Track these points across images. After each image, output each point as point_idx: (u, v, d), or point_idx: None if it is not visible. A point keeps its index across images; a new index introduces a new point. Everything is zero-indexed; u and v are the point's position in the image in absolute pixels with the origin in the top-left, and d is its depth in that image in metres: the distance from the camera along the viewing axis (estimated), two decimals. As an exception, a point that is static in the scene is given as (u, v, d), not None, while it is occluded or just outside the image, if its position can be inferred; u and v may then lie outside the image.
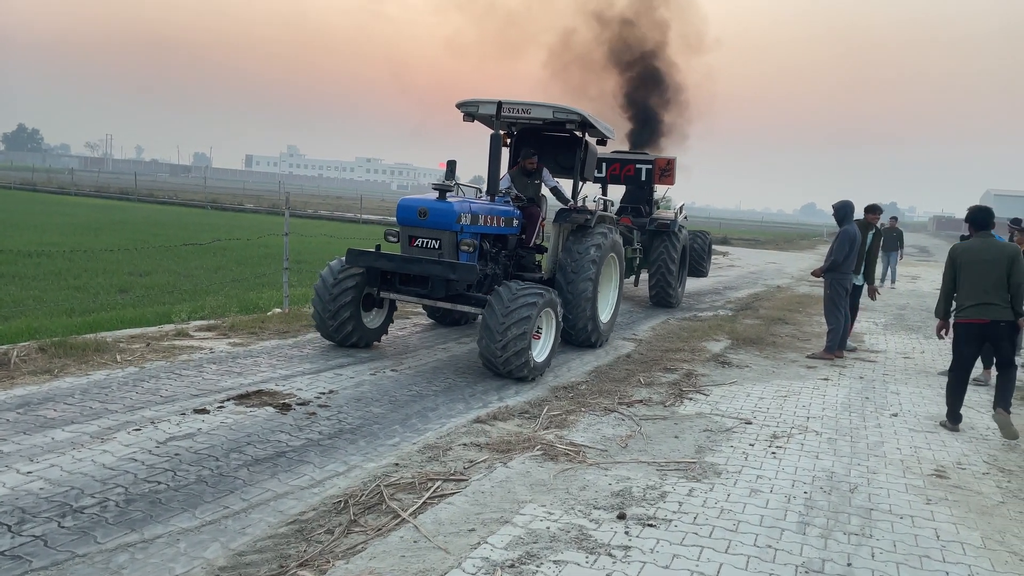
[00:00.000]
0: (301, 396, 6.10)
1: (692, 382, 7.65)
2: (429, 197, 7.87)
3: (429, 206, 7.71)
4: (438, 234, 7.72)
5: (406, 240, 7.92)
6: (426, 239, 7.78)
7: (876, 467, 5.40)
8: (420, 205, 7.76)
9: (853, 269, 9.48)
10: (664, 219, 13.12)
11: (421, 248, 7.79)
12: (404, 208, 7.86)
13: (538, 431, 5.71)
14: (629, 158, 13.76)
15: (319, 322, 7.91)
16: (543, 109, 8.64)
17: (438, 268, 7.35)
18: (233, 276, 13.31)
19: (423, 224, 7.74)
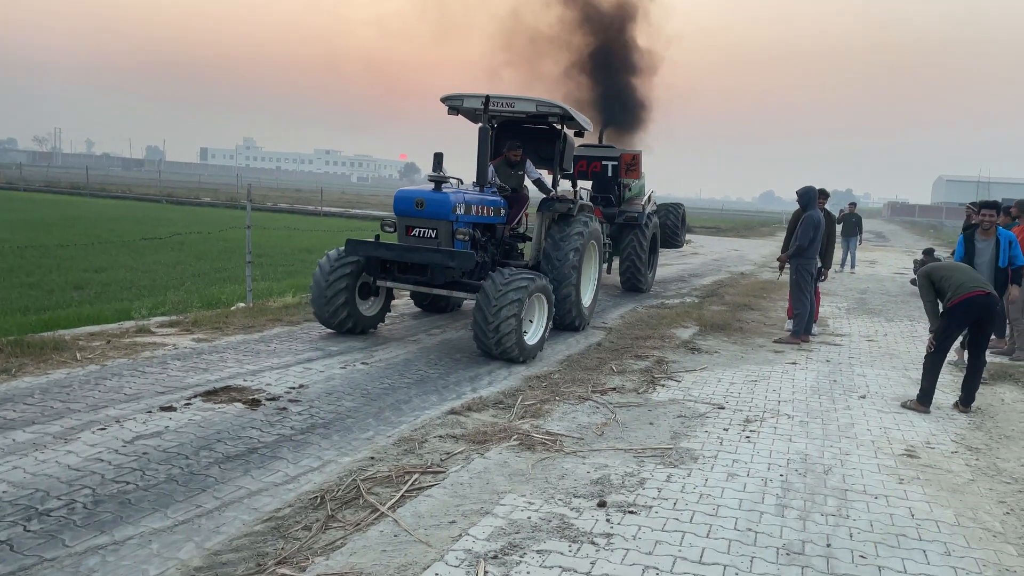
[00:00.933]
0: (271, 391, 5.98)
1: (663, 369, 7.67)
2: (425, 188, 8.16)
3: (426, 197, 7.99)
4: (435, 224, 8.01)
5: (403, 230, 8.21)
6: (423, 229, 8.08)
7: (848, 448, 5.47)
8: (417, 196, 8.05)
9: (817, 254, 9.61)
10: (632, 212, 13.29)
11: (418, 238, 8.09)
12: (401, 199, 8.16)
13: (513, 421, 5.67)
14: (596, 154, 13.80)
15: (316, 309, 8.17)
16: (526, 103, 8.99)
17: (438, 256, 7.68)
18: (193, 271, 13.03)
19: (420, 214, 8.04)
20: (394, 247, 7.95)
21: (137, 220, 22.61)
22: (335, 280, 8.00)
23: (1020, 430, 6.14)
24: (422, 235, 8.08)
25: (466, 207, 8.16)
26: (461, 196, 8.14)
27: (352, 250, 8.08)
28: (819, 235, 9.42)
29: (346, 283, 8.05)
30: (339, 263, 8.09)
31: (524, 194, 9.59)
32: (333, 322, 8.16)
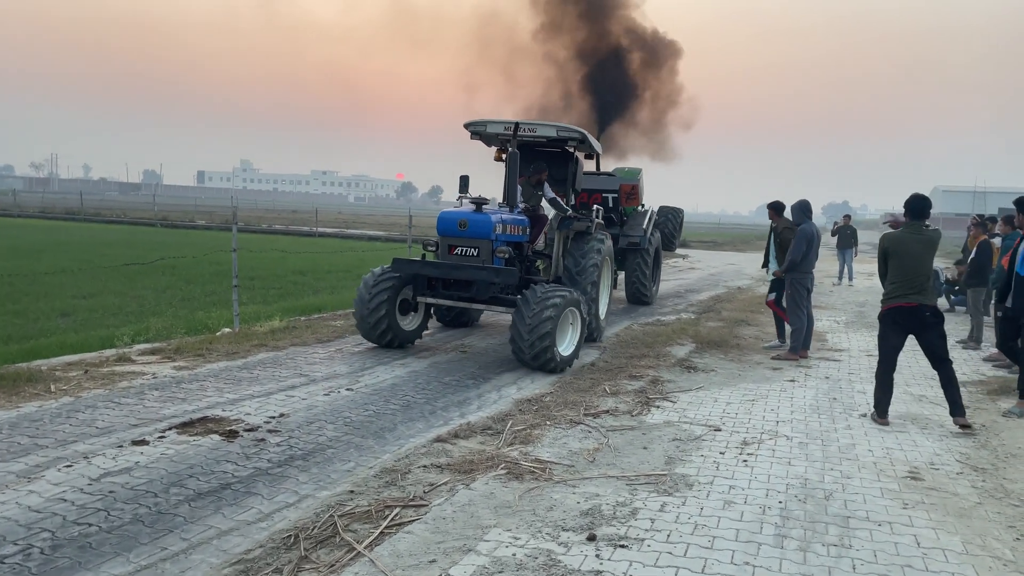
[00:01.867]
0: (249, 421, 5.76)
1: (658, 389, 7.47)
2: (466, 210, 8.78)
3: (469, 218, 8.60)
4: (477, 243, 8.60)
5: (445, 249, 8.81)
6: (465, 247, 8.67)
7: (850, 471, 5.26)
8: (460, 217, 8.64)
9: (811, 268, 9.44)
10: (635, 237, 13.54)
11: (461, 256, 8.68)
12: (445, 220, 8.74)
13: (502, 448, 5.46)
14: (597, 187, 13.82)
15: (359, 323, 8.71)
16: (548, 128, 9.76)
17: (484, 273, 8.26)
18: (182, 295, 12.84)
19: (463, 234, 8.65)
20: (441, 265, 8.47)
21: (130, 244, 22.44)
22: (377, 294, 8.52)
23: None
24: (464, 253, 8.67)
25: (503, 227, 8.73)
26: (499, 217, 8.70)
27: (399, 268, 8.58)
28: (812, 249, 9.26)
29: (388, 298, 8.55)
30: (382, 279, 8.62)
31: (543, 214, 10.05)
32: (374, 335, 8.65)
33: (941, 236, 6.25)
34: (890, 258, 6.48)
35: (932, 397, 7.54)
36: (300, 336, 9.22)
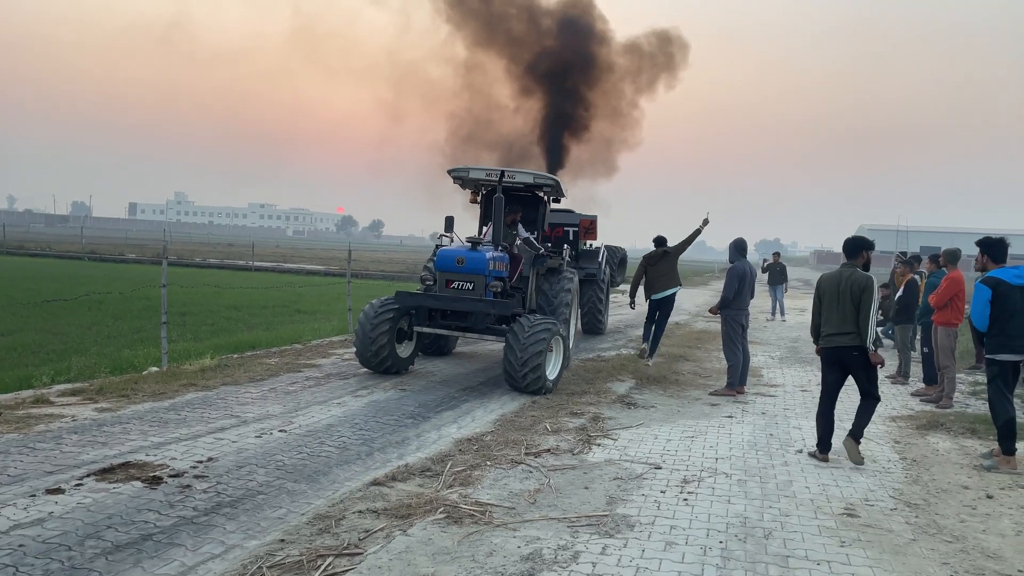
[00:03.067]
0: (175, 466, 5.49)
1: (600, 426, 7.43)
2: (463, 248, 9.73)
3: (466, 255, 9.51)
4: (472, 278, 9.45)
5: (443, 283, 9.61)
6: (462, 282, 9.50)
7: (788, 509, 5.28)
8: (458, 255, 9.54)
9: (747, 305, 9.62)
10: (592, 269, 14.64)
11: (457, 290, 9.49)
12: (444, 257, 9.65)
13: (441, 490, 5.32)
14: (558, 221, 15.01)
15: (360, 351, 9.38)
16: (525, 175, 10.88)
17: (482, 305, 9.20)
18: (108, 333, 12.34)
19: (460, 270, 9.49)
20: (442, 298, 9.39)
21: (54, 278, 21.53)
22: (378, 325, 9.26)
23: (956, 482, 6.06)
24: (460, 287, 9.49)
25: (494, 263, 9.65)
26: (491, 255, 9.63)
27: (403, 300, 9.49)
28: (744, 286, 9.45)
29: (388, 328, 9.31)
30: (382, 311, 9.39)
31: (518, 252, 10.82)
32: (374, 362, 9.35)
33: (872, 282, 6.44)
34: (822, 300, 6.64)
35: (865, 433, 7.69)
36: (232, 375, 8.92)
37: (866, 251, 6.70)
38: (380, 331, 9.25)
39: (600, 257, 15.15)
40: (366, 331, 9.28)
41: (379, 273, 32.96)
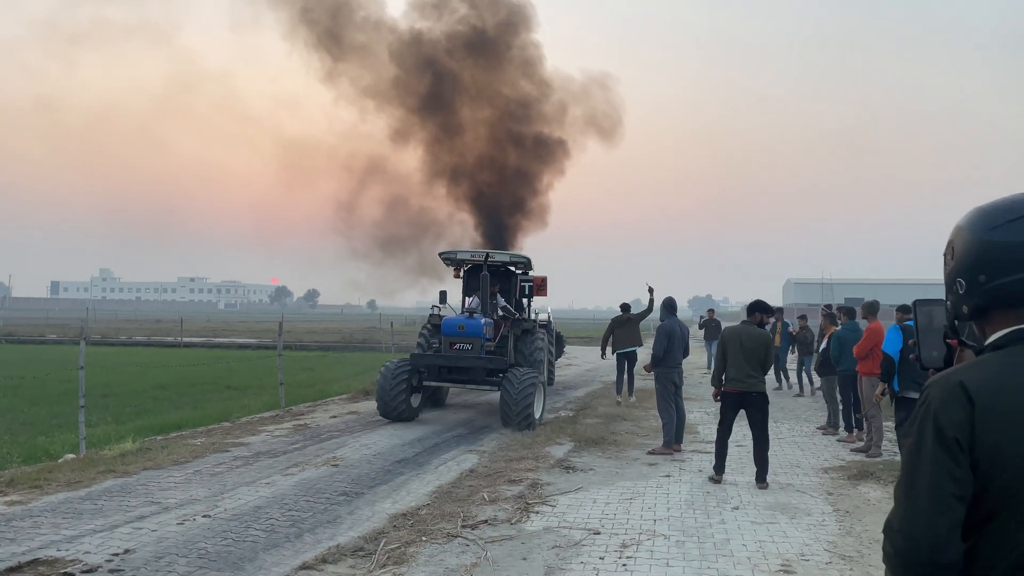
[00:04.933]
0: (88, 561, 5.17)
1: (538, 493, 7.33)
2: (462, 317, 12.21)
3: (466, 323, 11.97)
4: (471, 340, 11.86)
5: (447, 345, 12.03)
6: (463, 344, 11.89)
7: (725, 568, 5.26)
8: (459, 322, 12.02)
9: (679, 363, 9.76)
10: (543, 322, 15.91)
11: (460, 350, 11.86)
12: (448, 324, 12.11)
13: (373, 571, 5.13)
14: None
15: (381, 404, 11.42)
16: (503, 255, 13.84)
17: (482, 361, 11.63)
18: (24, 419, 11.70)
19: (461, 335, 11.89)
20: (448, 356, 11.83)
21: (-35, 364, 20.44)
22: (397, 383, 11.28)
23: (887, 530, 6.15)
24: (461, 348, 11.86)
25: (486, 328, 12.02)
26: (485, 321, 12.04)
27: (417, 361, 11.73)
28: (674, 344, 9.60)
29: (405, 383, 11.33)
30: (399, 371, 11.39)
31: (502, 320, 13.00)
32: (393, 414, 11.38)
33: (769, 337, 7.89)
34: (727, 351, 7.83)
35: (798, 485, 7.80)
36: (154, 458, 8.53)
37: (759, 313, 8.03)
38: (399, 387, 11.25)
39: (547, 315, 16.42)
40: (387, 387, 11.22)
41: (314, 344, 32.38)
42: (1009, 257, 1.60)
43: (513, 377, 10.92)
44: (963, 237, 1.69)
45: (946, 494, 1.54)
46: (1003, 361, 1.61)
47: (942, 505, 1.54)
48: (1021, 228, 1.60)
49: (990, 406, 1.55)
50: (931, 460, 1.56)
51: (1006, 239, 1.61)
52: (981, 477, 1.54)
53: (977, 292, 1.66)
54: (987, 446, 1.53)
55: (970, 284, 1.67)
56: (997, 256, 1.62)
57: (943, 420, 1.56)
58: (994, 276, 1.62)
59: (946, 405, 1.57)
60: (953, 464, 1.54)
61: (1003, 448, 1.53)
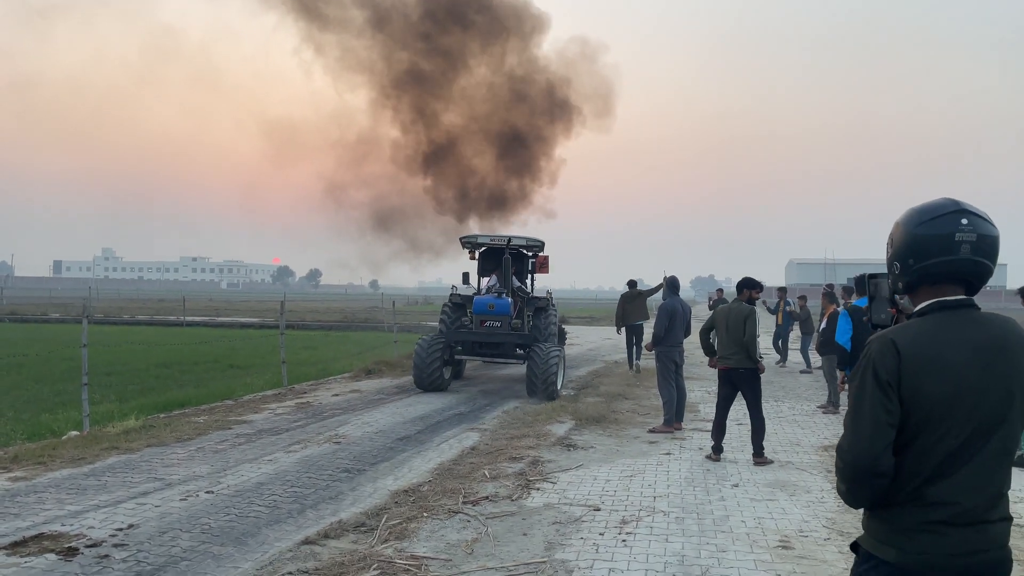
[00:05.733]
0: (93, 536, 5.22)
1: (539, 470, 7.37)
2: (491, 297, 13.23)
3: (495, 302, 13.08)
4: (500, 318, 13.03)
5: (478, 323, 13.15)
6: (492, 321, 13.03)
7: (724, 544, 5.30)
8: (489, 302, 13.11)
9: (679, 342, 9.76)
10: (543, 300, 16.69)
11: (490, 328, 13.02)
12: (479, 303, 13.19)
13: (376, 546, 5.17)
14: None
15: (417, 376, 12.60)
16: (520, 239, 14.25)
17: (512, 337, 13.01)
18: (28, 397, 11.76)
19: (491, 313, 13.04)
20: (479, 332, 13.03)
21: (-31, 342, 20.52)
22: (432, 355, 12.54)
23: (886, 507, 6.19)
24: (491, 325, 13.02)
25: (512, 307, 13.14)
26: (509, 300, 13.16)
27: (452, 336, 13.19)
28: (675, 323, 9.60)
29: (439, 357, 12.63)
30: (434, 345, 12.68)
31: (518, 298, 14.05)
32: (427, 384, 12.56)
33: (754, 311, 7.99)
34: (716, 328, 8.10)
35: (798, 463, 7.83)
36: (158, 435, 8.58)
37: (747, 290, 8.21)
38: (433, 360, 12.49)
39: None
40: (423, 360, 12.43)
41: (316, 324, 32.46)
42: (930, 246, 2.17)
43: (539, 351, 12.15)
44: (899, 231, 2.25)
45: (882, 422, 2.11)
46: (924, 324, 2.19)
47: (879, 430, 2.11)
48: (939, 224, 2.16)
49: (913, 357, 2.12)
50: (871, 397, 2.13)
51: (928, 232, 2.17)
52: (906, 409, 2.12)
53: (908, 272, 2.23)
54: (910, 387, 2.11)
55: (903, 266, 2.24)
56: (922, 245, 2.18)
57: (879, 367, 2.14)
58: (920, 260, 2.19)
59: (882, 356, 2.15)
60: (887, 399, 2.12)
61: (921, 388, 2.11)
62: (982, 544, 2.13)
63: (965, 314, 2.21)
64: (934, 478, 2.12)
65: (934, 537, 2.11)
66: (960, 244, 2.16)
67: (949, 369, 2.12)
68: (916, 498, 2.14)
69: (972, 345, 2.15)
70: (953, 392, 2.11)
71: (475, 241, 14.50)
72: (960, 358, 2.13)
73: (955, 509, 2.10)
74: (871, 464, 2.10)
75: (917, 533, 2.13)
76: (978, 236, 2.16)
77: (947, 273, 2.20)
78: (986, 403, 2.12)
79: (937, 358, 2.12)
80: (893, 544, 2.16)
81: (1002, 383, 2.13)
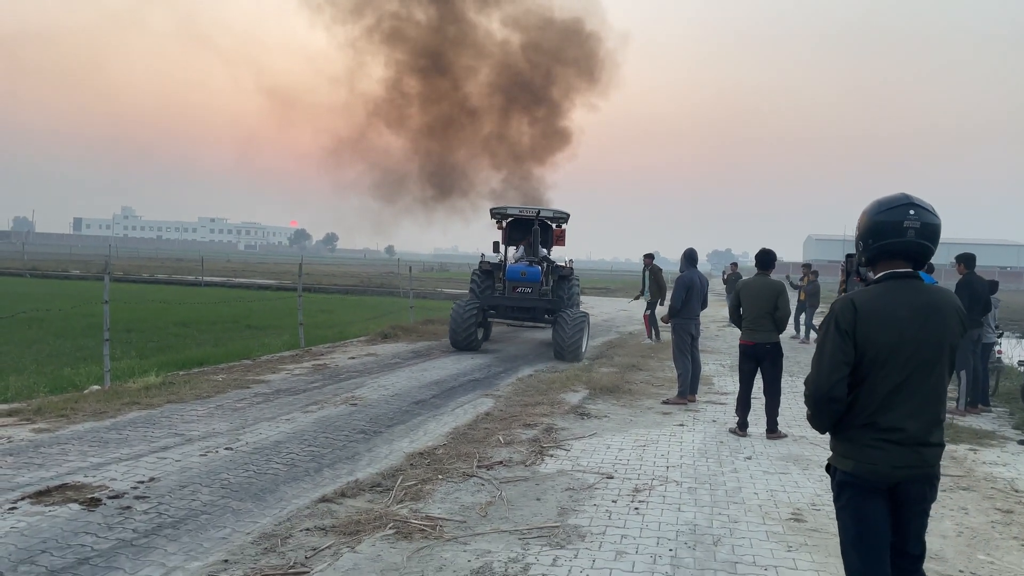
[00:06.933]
0: (115, 487, 5.32)
1: (552, 437, 7.43)
2: (523, 265, 14.23)
3: (527, 270, 14.10)
4: (531, 285, 14.13)
5: (510, 289, 14.21)
6: (524, 288, 14.13)
7: (736, 515, 5.33)
8: (522, 269, 14.12)
9: (696, 315, 9.73)
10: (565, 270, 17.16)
11: (522, 294, 14.11)
12: (512, 271, 14.25)
13: (391, 506, 5.25)
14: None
15: (453, 336, 13.63)
16: (547, 211, 15.41)
17: (542, 303, 14.03)
18: (49, 351, 11.94)
19: (523, 280, 14.09)
20: (514, 298, 14.09)
21: (-8, 296, 20.81)
22: (468, 317, 13.52)
23: (899, 484, 6.19)
24: (523, 292, 14.11)
25: (541, 275, 14.20)
26: (539, 268, 14.25)
27: (486, 300, 14.20)
28: (692, 296, 9.56)
29: (473, 319, 13.59)
30: (469, 307, 13.73)
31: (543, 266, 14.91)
32: (463, 344, 13.57)
33: (783, 286, 7.86)
34: (741, 303, 7.94)
35: (811, 438, 7.83)
36: (177, 392, 8.70)
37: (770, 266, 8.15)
38: (469, 322, 13.46)
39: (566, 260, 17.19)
40: (459, 322, 13.42)
41: (333, 287, 32.62)
42: (885, 230, 2.86)
43: (567, 316, 13.17)
44: (863, 218, 2.95)
45: (838, 361, 2.84)
46: (878, 289, 2.91)
47: (836, 366, 2.84)
48: (892, 214, 2.85)
49: (867, 313, 2.84)
50: (831, 342, 2.86)
51: (884, 219, 2.87)
52: (860, 352, 2.84)
53: (868, 249, 2.95)
54: (862, 335, 2.83)
55: (865, 244, 2.95)
56: (878, 229, 2.88)
57: (840, 319, 2.87)
58: (877, 240, 2.90)
59: (843, 311, 2.87)
60: (844, 344, 2.84)
61: (871, 336, 2.83)
62: (917, 461, 2.85)
63: (910, 283, 2.89)
64: (882, 408, 2.83)
65: (882, 453, 2.83)
66: (907, 229, 2.82)
67: (895, 322, 2.81)
68: (870, 424, 2.85)
69: (914, 306, 2.83)
70: (897, 340, 2.80)
71: (504, 212, 15.33)
72: (903, 314, 2.82)
73: (901, 434, 2.81)
74: (828, 391, 2.84)
75: (870, 449, 2.85)
76: (922, 224, 2.82)
77: (897, 251, 2.88)
78: (922, 350, 2.81)
79: (885, 313, 2.82)
80: (851, 457, 2.90)
81: (935, 336, 2.83)
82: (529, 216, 15.21)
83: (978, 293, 9.20)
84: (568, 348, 12.87)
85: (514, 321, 14.90)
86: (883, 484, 2.85)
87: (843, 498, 2.95)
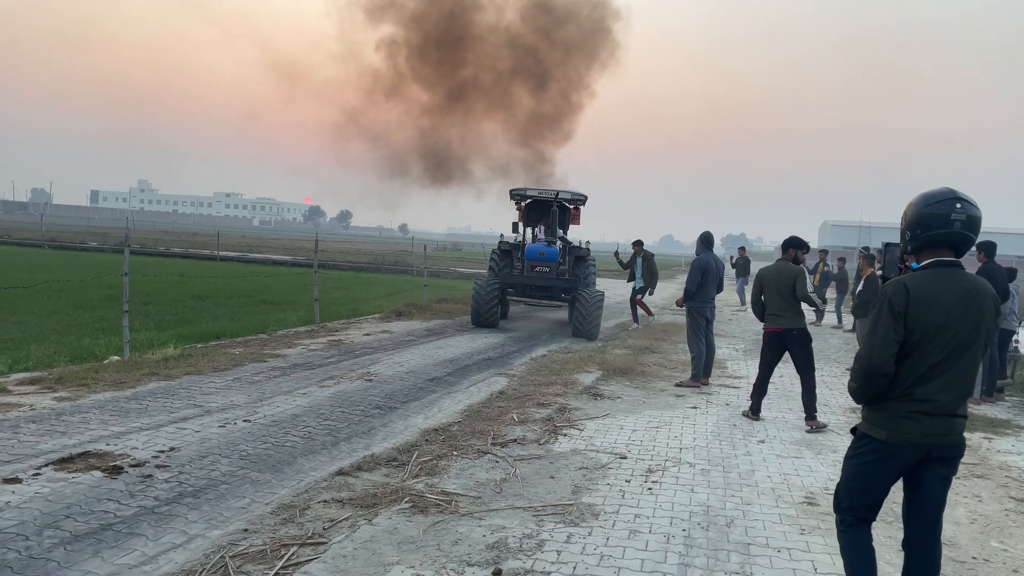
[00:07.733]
0: (136, 456, 5.41)
1: (566, 417, 7.47)
2: (542, 245, 14.75)
3: (545, 250, 14.58)
4: (550, 264, 14.55)
5: (528, 268, 14.59)
6: (543, 267, 14.54)
7: (750, 497, 5.36)
8: (541, 249, 14.60)
9: (711, 298, 9.71)
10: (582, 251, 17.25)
11: (540, 273, 14.52)
12: (531, 251, 14.65)
13: (407, 480, 5.31)
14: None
15: (475, 314, 13.97)
16: (566, 193, 15.73)
17: (560, 282, 14.47)
18: (69, 321, 12.08)
19: (541, 260, 14.52)
20: (532, 277, 14.51)
21: (11, 267, 21.02)
22: (490, 294, 13.88)
23: (913, 471, 6.20)
24: (541, 271, 14.51)
25: (559, 255, 14.64)
26: (558, 249, 14.67)
27: (506, 279, 14.52)
28: (707, 278, 9.53)
29: (495, 297, 13.93)
30: (491, 285, 14.10)
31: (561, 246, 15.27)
32: (484, 321, 13.94)
33: (803, 271, 7.79)
34: (764, 288, 7.83)
35: (828, 422, 7.83)
36: (195, 364, 8.80)
37: (792, 249, 7.96)
38: (490, 299, 13.84)
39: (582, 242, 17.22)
40: (481, 299, 13.82)
41: (347, 264, 32.74)
42: (932, 221, 3.13)
43: (586, 295, 13.60)
44: (911, 209, 3.21)
45: (890, 339, 3.11)
46: (926, 276, 3.17)
47: (888, 344, 3.11)
48: (940, 207, 3.12)
49: (916, 295, 3.11)
50: (885, 321, 3.13)
51: (932, 212, 3.14)
52: (908, 332, 3.12)
53: (916, 239, 3.21)
54: (912, 316, 3.11)
55: (912, 234, 3.22)
56: (926, 221, 3.15)
57: (893, 300, 3.14)
58: (925, 231, 3.16)
59: (896, 293, 3.14)
60: (896, 324, 3.12)
61: (919, 318, 3.10)
62: (947, 430, 3.16)
63: (954, 271, 3.17)
64: (920, 382, 3.13)
65: (915, 423, 3.14)
66: (954, 221, 3.09)
67: (941, 306, 3.10)
68: (906, 395, 3.14)
69: (957, 292, 3.12)
70: (943, 322, 3.09)
71: (523, 193, 15.73)
72: (949, 299, 3.11)
73: (933, 404, 3.12)
74: (879, 367, 3.11)
75: (903, 419, 3.15)
76: (967, 216, 3.09)
77: (943, 241, 3.15)
78: (962, 332, 3.11)
79: (932, 298, 3.10)
80: (885, 426, 3.19)
81: (973, 319, 3.13)
82: (548, 198, 15.48)
83: (998, 281, 9.13)
84: (587, 326, 13.26)
85: (532, 299, 15.43)
86: (913, 453, 3.16)
87: (860, 450, 3.28)
